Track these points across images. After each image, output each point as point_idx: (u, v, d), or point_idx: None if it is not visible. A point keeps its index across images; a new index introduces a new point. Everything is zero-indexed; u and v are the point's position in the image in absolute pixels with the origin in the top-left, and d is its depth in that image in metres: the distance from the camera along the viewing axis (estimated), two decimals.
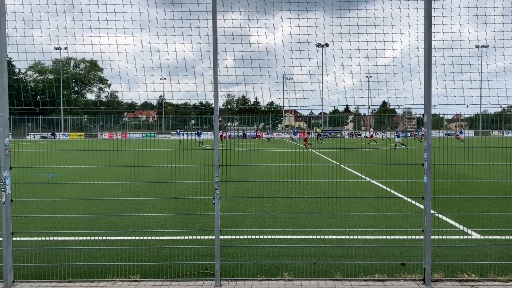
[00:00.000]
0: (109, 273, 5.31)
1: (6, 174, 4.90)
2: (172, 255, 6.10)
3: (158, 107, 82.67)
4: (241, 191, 11.48)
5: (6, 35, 4.87)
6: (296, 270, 5.41)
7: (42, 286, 4.92)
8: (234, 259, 5.89)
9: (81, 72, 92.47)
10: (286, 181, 12.95)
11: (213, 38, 4.90)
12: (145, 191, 11.87)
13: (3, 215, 4.91)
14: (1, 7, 4.82)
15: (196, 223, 8.05)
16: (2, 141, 4.84)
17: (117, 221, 8.26)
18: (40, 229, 7.57)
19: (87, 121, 74.78)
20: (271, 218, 8.38)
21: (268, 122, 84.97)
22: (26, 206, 9.41)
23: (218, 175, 5.07)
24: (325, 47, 9.31)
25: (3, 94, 4.84)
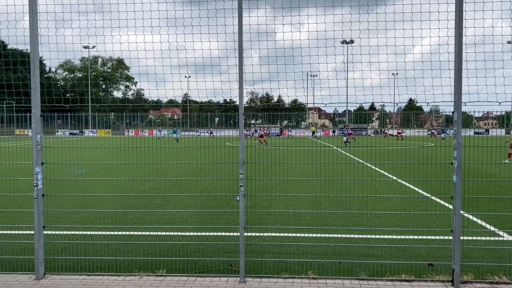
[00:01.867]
0: (136, 268, 5.41)
1: (38, 170, 5.06)
2: (197, 251, 6.16)
3: (183, 105, 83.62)
4: (265, 189, 11.49)
5: (38, 34, 5.02)
6: (321, 269, 5.38)
7: (71, 278, 5.06)
8: (258, 256, 5.90)
9: (108, 70, 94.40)
10: (311, 179, 12.87)
11: (239, 36, 4.90)
12: (170, 188, 12.02)
13: (35, 209, 5.07)
14: (33, 7, 4.97)
15: (220, 219, 8.11)
16: (35, 137, 4.99)
17: (143, 216, 8.40)
18: (69, 223, 7.78)
19: (114, 118, 76.35)
20: (295, 216, 8.35)
21: (291, 119, 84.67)
22: (56, 201, 9.68)
23: (243, 172, 5.09)
24: (350, 43, 9.21)
25: (35, 92, 4.99)
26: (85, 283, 4.89)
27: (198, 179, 13.11)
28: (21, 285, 4.85)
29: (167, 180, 13.05)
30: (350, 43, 9.41)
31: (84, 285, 4.83)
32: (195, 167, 16.69)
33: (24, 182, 11.61)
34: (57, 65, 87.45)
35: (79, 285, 4.84)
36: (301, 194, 10.70)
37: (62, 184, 12.11)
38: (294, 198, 10.19)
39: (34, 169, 5.02)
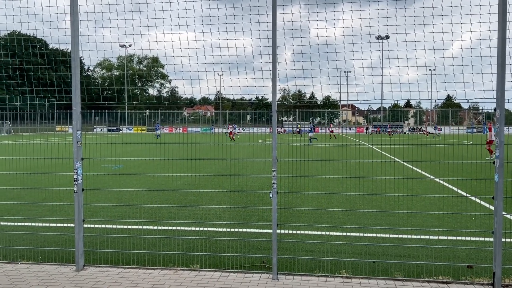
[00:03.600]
0: (171, 262, 5.52)
1: (78, 165, 5.24)
2: (230, 247, 6.22)
3: (216, 102, 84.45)
4: (297, 187, 11.45)
5: (79, 34, 5.19)
6: (354, 268, 5.31)
7: (109, 271, 5.22)
8: (291, 254, 5.89)
9: (144, 69, 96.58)
10: (344, 177, 12.72)
11: (273, 33, 4.89)
12: (204, 184, 12.19)
13: (76, 203, 5.26)
14: (74, 7, 5.14)
15: (252, 216, 8.15)
16: (75, 134, 5.18)
17: (177, 211, 8.56)
18: (107, 217, 8.03)
19: (149, 115, 78.06)
20: (328, 214, 8.28)
21: (324, 116, 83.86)
22: (95, 195, 10.01)
23: (276, 169, 5.09)
24: (385, 39, 9.01)
25: (76, 90, 5.17)
26: (122, 276, 5.04)
27: (230, 176, 13.21)
28: (63, 275, 5.06)
29: (201, 177, 13.23)
30: (385, 39, 9.22)
31: (121, 278, 4.98)
32: (228, 164, 16.83)
33: (64, 176, 12.07)
34: (95, 64, 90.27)
35: (116, 277, 4.99)
36: (334, 192, 10.58)
37: (100, 179, 12.51)
38: (327, 196, 10.10)
39: (75, 165, 5.21)
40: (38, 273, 5.11)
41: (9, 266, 5.37)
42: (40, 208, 8.72)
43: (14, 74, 13.19)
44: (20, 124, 48.94)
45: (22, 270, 5.23)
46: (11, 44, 13.10)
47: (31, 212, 8.37)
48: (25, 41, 11.09)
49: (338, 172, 14.69)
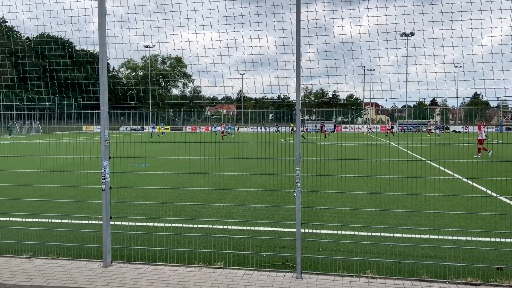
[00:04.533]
0: (195, 259, 5.59)
1: (106, 163, 5.36)
2: (253, 245, 6.24)
3: (238, 101, 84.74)
4: (321, 186, 11.38)
5: (106, 35, 5.30)
6: (380, 268, 5.25)
7: (136, 267, 5.33)
8: (315, 253, 5.87)
9: (167, 69, 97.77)
10: (368, 177, 12.57)
11: (297, 31, 4.88)
12: (227, 182, 12.26)
13: (103, 201, 5.38)
14: (102, 9, 5.26)
15: (276, 215, 8.15)
16: (103, 133, 5.30)
17: (201, 210, 8.65)
18: (133, 214, 8.18)
19: (173, 115, 79.04)
20: (352, 214, 8.20)
21: (347, 115, 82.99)
22: (121, 193, 10.21)
23: (299, 168, 5.08)
24: (410, 36, 8.84)
25: (103, 90, 5.29)
26: (149, 272, 5.13)
27: (254, 175, 13.24)
28: (91, 271, 5.18)
29: (224, 175, 13.31)
30: (410, 36, 9.04)
31: (147, 274, 5.07)
32: (251, 163, 16.87)
33: (92, 175, 12.35)
34: (120, 64, 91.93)
35: (143, 274, 5.08)
36: (359, 192, 10.48)
37: (126, 178, 12.74)
38: (351, 195, 10.00)
39: (102, 163, 5.32)
40: (68, 269, 5.26)
41: (40, 261, 5.54)
42: (69, 205, 8.96)
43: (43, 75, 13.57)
44: (49, 124, 50.39)
45: (52, 265, 5.39)
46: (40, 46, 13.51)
47: (61, 209, 8.61)
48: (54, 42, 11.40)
49: (362, 171, 14.53)
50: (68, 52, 20.13)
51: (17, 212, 8.27)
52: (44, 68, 12.46)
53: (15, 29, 46.17)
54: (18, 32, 48.29)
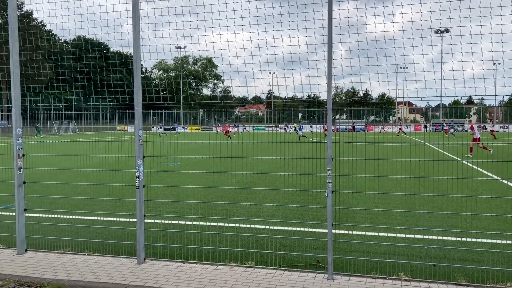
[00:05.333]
0: (226, 258, 5.63)
1: (140, 162, 5.48)
2: (284, 245, 6.23)
3: (267, 101, 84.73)
4: (352, 186, 11.22)
5: (140, 37, 5.42)
6: (413, 271, 5.12)
7: (168, 264, 5.42)
8: (346, 254, 5.80)
9: (198, 69, 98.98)
10: (401, 177, 12.30)
11: (328, 29, 4.83)
12: (257, 182, 12.29)
13: (137, 199, 5.51)
14: (136, 11, 5.38)
15: (306, 215, 8.10)
16: (137, 132, 5.42)
17: (232, 208, 8.71)
18: (165, 212, 8.33)
19: (203, 115, 79.98)
20: (385, 215, 8.05)
21: (378, 114, 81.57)
22: (154, 192, 10.42)
23: (331, 168, 5.03)
24: (445, 32, 8.58)
25: (137, 91, 5.41)
26: (181, 270, 5.21)
27: (284, 175, 13.22)
28: (125, 268, 5.32)
29: (254, 175, 13.35)
30: (445, 32, 8.78)
31: (179, 272, 5.15)
32: (281, 162, 16.84)
33: (125, 173, 12.66)
34: (152, 65, 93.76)
35: (175, 271, 5.17)
36: (391, 193, 10.27)
37: (159, 176, 12.99)
38: (384, 196, 9.82)
39: (137, 162, 5.45)
40: (103, 265, 5.42)
41: (77, 257, 5.73)
42: (103, 203, 9.22)
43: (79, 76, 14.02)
44: (84, 124, 52.02)
45: (88, 261, 5.56)
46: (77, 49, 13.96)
47: (96, 206, 8.87)
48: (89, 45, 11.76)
49: (395, 171, 14.23)
50: (103, 54, 20.76)
51: (56, 209, 8.58)
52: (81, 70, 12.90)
53: (54, 32, 47.95)
54: (56, 35, 50.12)
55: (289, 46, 5.47)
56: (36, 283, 4.88)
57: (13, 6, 5.81)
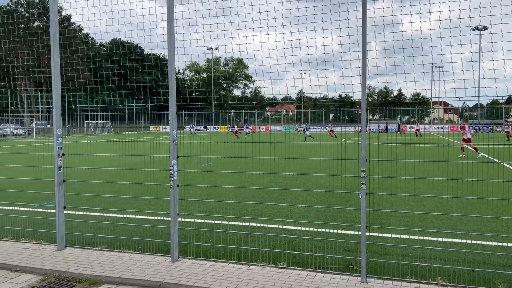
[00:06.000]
0: (258, 258, 5.64)
1: (174, 162, 5.58)
2: (316, 247, 6.19)
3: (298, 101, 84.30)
4: (386, 188, 11.01)
5: (175, 39, 5.52)
6: (451, 276, 4.97)
7: (201, 263, 5.49)
8: (380, 257, 5.69)
9: (229, 70, 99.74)
10: (437, 179, 11.96)
11: (363, 29, 4.77)
12: (287, 182, 12.26)
13: (171, 198, 5.61)
14: (171, 14, 5.48)
15: (338, 217, 8.02)
16: (171, 133, 5.52)
17: (263, 209, 8.72)
18: (197, 212, 8.44)
19: (234, 115, 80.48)
20: (420, 218, 7.85)
21: (412, 114, 79.66)
22: (186, 191, 10.57)
23: (365, 169, 4.95)
24: (483, 30, 8.28)
25: (172, 92, 5.51)
26: (213, 269, 5.27)
27: (316, 176, 13.12)
28: (160, 265, 5.42)
29: (285, 175, 13.32)
30: (483, 30, 8.48)
31: (212, 270, 5.21)
32: (312, 163, 16.72)
33: (159, 173, 12.93)
34: (184, 67, 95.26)
35: (208, 270, 5.23)
36: (427, 195, 10.00)
37: (191, 176, 13.17)
38: (418, 198, 9.58)
39: (171, 162, 5.55)
40: (138, 262, 5.55)
41: (113, 254, 5.90)
42: (138, 201, 9.44)
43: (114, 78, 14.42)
44: (119, 124, 53.44)
45: (124, 258, 5.71)
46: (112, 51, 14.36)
47: (131, 205, 9.09)
48: (124, 47, 12.05)
49: (430, 173, 13.85)
50: (137, 57, 21.27)
51: (93, 206, 8.86)
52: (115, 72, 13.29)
53: (90, 36, 49.51)
54: (93, 38, 51.75)
55: (320, 46, 5.43)
56: (75, 278, 5.05)
57: (54, 11, 6.04)
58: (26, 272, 5.25)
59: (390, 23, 5.12)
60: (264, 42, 5.58)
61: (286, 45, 5.62)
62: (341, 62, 5.57)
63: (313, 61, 5.70)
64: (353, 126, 45.95)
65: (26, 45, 22.21)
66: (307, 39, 5.38)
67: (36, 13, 55.80)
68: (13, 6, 56.94)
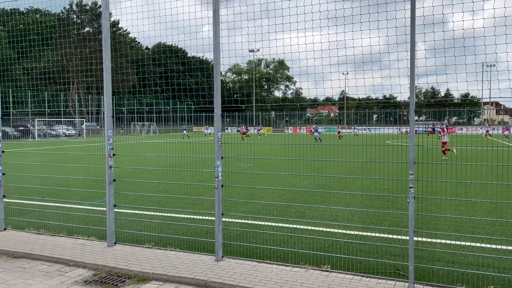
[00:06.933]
0: (301, 260, 5.62)
1: (219, 163, 5.67)
2: (360, 250, 6.08)
3: (340, 102, 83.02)
4: (433, 192, 10.63)
5: (220, 42, 5.61)
6: (506, 285, 4.73)
7: (244, 263, 5.54)
8: (429, 263, 5.51)
9: (271, 72, 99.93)
10: (490, 183, 11.39)
11: (411, 28, 4.64)
12: (330, 184, 12.12)
13: (216, 198, 5.70)
14: (216, 17, 5.57)
15: (384, 220, 7.83)
16: (217, 134, 5.61)
17: (305, 211, 8.67)
18: (240, 212, 8.52)
19: (275, 116, 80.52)
20: (471, 223, 7.52)
21: (462, 115, 76.46)
22: (229, 191, 10.70)
23: (413, 172, 4.81)
24: None
25: (217, 94, 5.60)
26: (257, 269, 5.30)
27: (362, 178, 12.88)
28: (204, 264, 5.53)
29: (327, 177, 13.17)
30: None
31: (256, 271, 5.24)
32: (355, 165, 16.44)
33: (202, 173, 13.16)
34: (226, 69, 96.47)
35: (251, 270, 5.27)
36: (478, 199, 9.56)
37: (234, 177, 13.32)
38: (469, 203, 9.18)
39: (216, 162, 5.64)
40: (184, 260, 5.68)
41: (160, 251, 6.07)
42: (183, 201, 9.66)
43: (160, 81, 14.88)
44: (164, 125, 54.96)
45: (170, 256, 5.87)
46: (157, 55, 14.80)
47: (176, 204, 9.33)
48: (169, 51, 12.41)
49: (481, 177, 13.23)
50: (181, 60, 21.81)
51: (140, 205, 9.16)
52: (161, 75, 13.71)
53: (137, 40, 51.21)
54: (139, 42, 53.47)
55: (366, 46, 5.33)
56: (124, 274, 5.25)
57: (106, 16, 6.31)
58: (79, 267, 5.52)
59: (440, 22, 4.95)
60: (308, 43, 5.56)
61: (328, 45, 5.56)
62: (387, 62, 5.44)
63: (357, 61, 5.61)
64: (398, 128, 44.68)
65: (77, 50, 23.37)
66: (353, 40, 5.30)
67: (87, 19, 58.49)
68: (66, 13, 59.97)
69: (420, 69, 5.08)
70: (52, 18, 24.29)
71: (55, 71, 16.43)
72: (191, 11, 6.60)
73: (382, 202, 9.53)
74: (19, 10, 13.84)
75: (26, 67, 29.18)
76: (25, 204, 9.27)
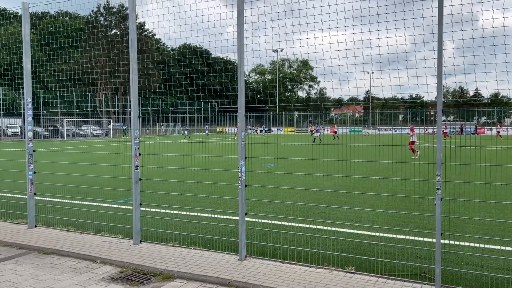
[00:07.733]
0: (325, 261, 5.59)
1: (242, 163, 5.70)
2: (385, 253, 5.99)
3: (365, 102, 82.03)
4: (461, 193, 10.37)
5: (244, 43, 5.64)
6: None
7: (268, 263, 5.55)
8: (456, 266, 5.38)
9: (294, 72, 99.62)
10: None
11: (438, 27, 4.55)
12: (354, 186, 11.99)
13: (240, 197, 5.73)
14: (241, 18, 5.60)
15: (409, 222, 7.70)
16: (240, 134, 5.64)
17: (329, 212, 8.61)
18: (264, 212, 8.53)
19: (298, 117, 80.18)
20: (501, 226, 7.31)
21: (491, 115, 74.28)
22: (252, 191, 10.73)
23: (440, 174, 4.71)
24: None
25: (241, 95, 5.63)
26: (280, 269, 5.30)
27: (384, 179, 12.70)
28: (228, 263, 5.57)
29: (352, 178, 13.03)
30: None
31: (279, 271, 5.25)
32: (380, 166, 16.21)
33: (225, 173, 13.25)
34: (250, 70, 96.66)
35: (275, 270, 5.27)
36: (508, 202, 9.27)
37: (257, 177, 13.35)
38: (499, 206, 8.91)
39: (239, 162, 5.67)
40: (208, 259, 5.73)
41: (184, 250, 6.15)
42: (207, 200, 9.75)
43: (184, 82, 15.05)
44: (188, 126, 55.57)
45: (195, 255, 5.93)
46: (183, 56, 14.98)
47: (200, 203, 9.42)
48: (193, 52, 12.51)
49: (511, 178, 12.82)
50: (205, 61, 22.05)
51: (165, 204, 9.30)
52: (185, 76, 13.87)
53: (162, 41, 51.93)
54: (164, 44, 54.18)
55: (392, 45, 5.25)
56: (150, 272, 5.34)
57: (133, 19, 6.44)
58: (106, 264, 5.65)
59: (469, 20, 4.83)
60: (332, 43, 5.52)
61: (354, 45, 5.51)
62: (414, 61, 5.34)
63: (382, 60, 5.54)
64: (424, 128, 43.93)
65: (105, 52, 23.94)
66: (378, 39, 5.23)
67: (114, 21, 59.74)
68: (94, 16, 61.41)
69: (447, 68, 4.97)
70: (80, 20, 24.92)
71: (83, 72, 16.90)
72: (215, 12, 6.65)
73: (408, 203, 9.37)
74: (50, 14, 14.27)
75: (55, 68, 30.12)
76: (54, 202, 9.56)
